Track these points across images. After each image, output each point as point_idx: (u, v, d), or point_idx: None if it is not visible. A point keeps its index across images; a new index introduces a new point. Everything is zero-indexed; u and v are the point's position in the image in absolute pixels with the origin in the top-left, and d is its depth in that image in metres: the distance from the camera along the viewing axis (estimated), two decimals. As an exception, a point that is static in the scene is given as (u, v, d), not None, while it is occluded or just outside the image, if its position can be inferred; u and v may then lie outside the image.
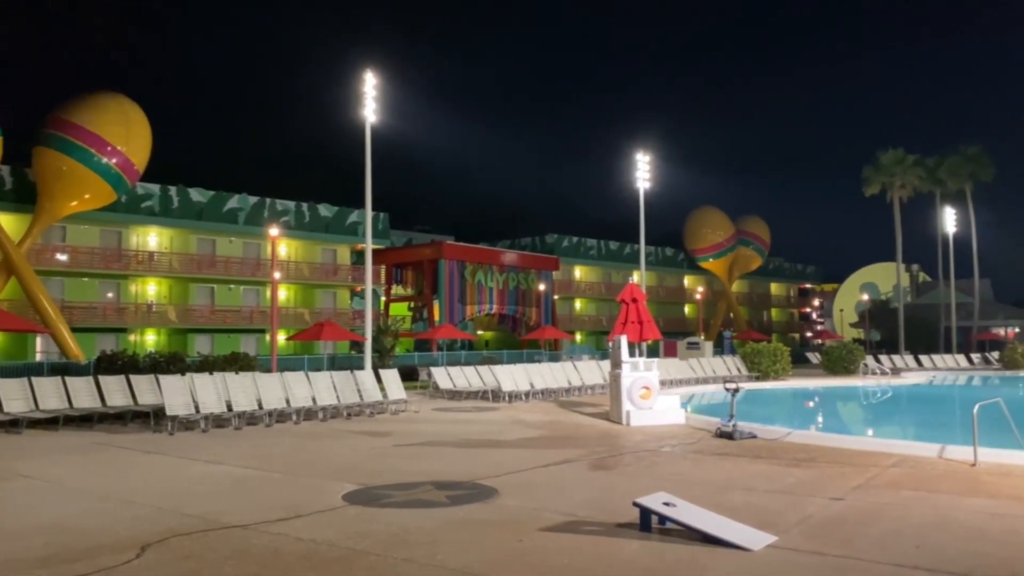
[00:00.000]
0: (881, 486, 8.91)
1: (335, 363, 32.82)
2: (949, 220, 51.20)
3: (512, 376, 21.80)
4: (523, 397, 21.28)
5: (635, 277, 50.46)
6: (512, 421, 16.19)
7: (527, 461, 10.83)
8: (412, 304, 51.86)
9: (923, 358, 43.12)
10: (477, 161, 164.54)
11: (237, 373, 17.59)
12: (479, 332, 56.25)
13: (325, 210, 48.44)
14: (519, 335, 52.49)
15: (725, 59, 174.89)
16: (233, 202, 44.46)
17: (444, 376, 22.94)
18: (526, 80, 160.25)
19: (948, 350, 48.78)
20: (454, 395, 22.26)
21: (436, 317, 47.76)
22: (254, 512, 7.69)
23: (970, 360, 44.37)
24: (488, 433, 14.28)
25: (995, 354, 43.68)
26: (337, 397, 17.11)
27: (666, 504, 6.87)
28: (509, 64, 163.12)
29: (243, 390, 15.72)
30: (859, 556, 6.08)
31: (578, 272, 63.16)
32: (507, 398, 20.83)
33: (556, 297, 57.55)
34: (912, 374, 35.82)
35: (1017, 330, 60.49)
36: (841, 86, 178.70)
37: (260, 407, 15.61)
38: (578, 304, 63.17)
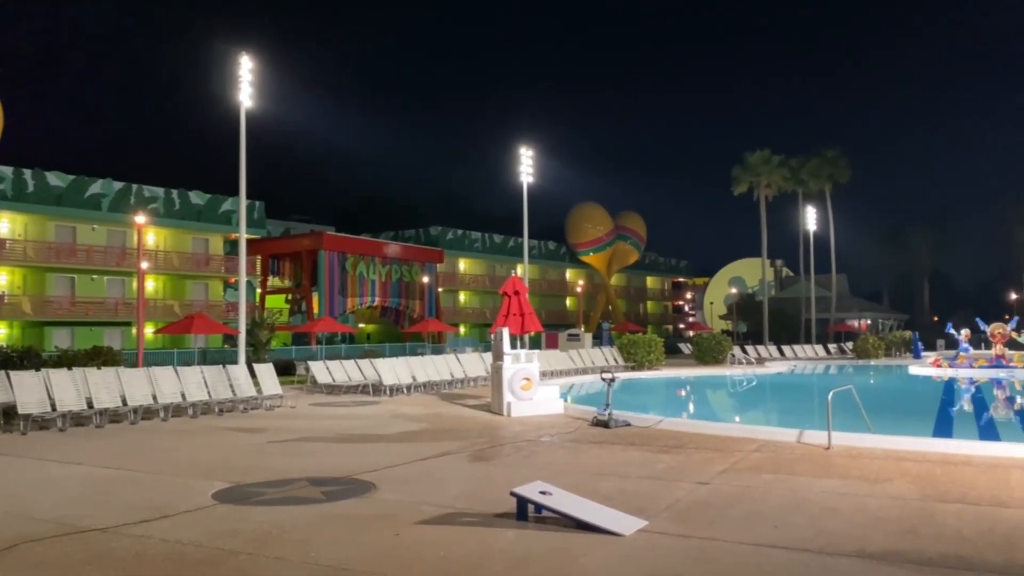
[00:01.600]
0: (744, 470, 9.39)
1: (207, 357, 31.57)
2: (810, 218, 54.53)
3: (394, 369, 21.59)
4: (405, 390, 21.12)
5: (518, 270, 51.06)
6: (392, 415, 16.04)
7: (406, 455, 10.76)
8: (290, 296, 50.47)
9: (785, 348, 45.78)
10: (360, 152, 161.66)
11: (99, 368, 16.61)
12: (361, 325, 55.40)
13: (197, 197, 46.38)
14: (402, 328, 52.05)
15: (606, 60, 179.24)
16: (96, 187, 41.89)
17: (323, 370, 22.45)
18: (412, 72, 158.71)
19: (808, 341, 51.99)
20: (333, 389, 21.84)
21: (315, 310, 46.66)
22: (115, 514, 7.28)
23: (827, 350, 47.45)
24: (367, 427, 14.09)
25: (849, 344, 46.88)
26: (208, 393, 16.44)
27: (542, 493, 7.00)
28: (394, 55, 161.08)
29: (105, 386, 14.84)
30: (722, 537, 6.39)
31: (462, 265, 63.27)
32: (388, 392, 20.61)
33: (440, 289, 57.43)
34: (775, 363, 37.98)
35: (869, 322, 65.13)
36: (714, 89, 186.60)
37: (124, 404, 14.78)
38: (462, 297, 63.30)
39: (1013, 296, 75.86)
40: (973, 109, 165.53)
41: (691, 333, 64.84)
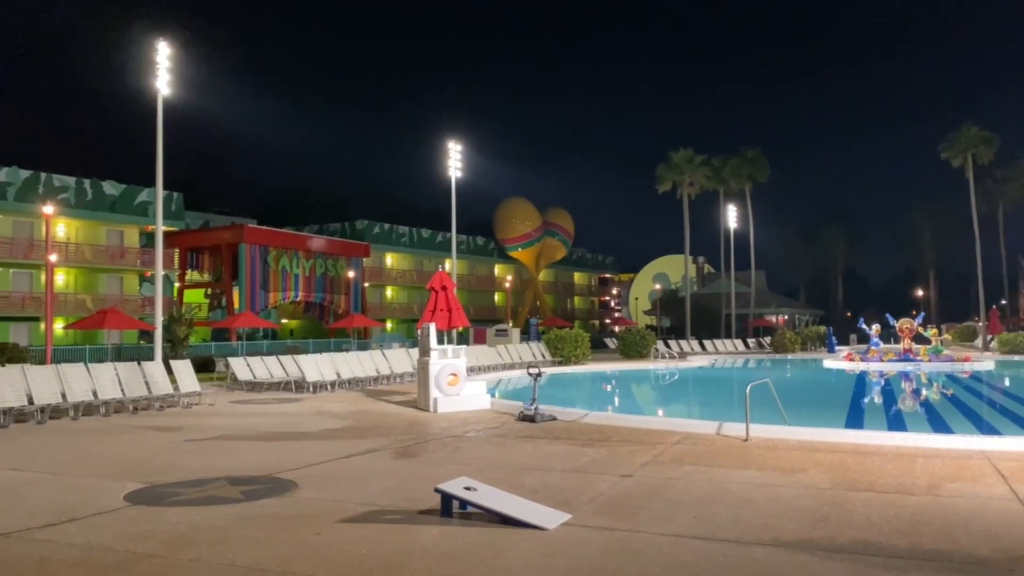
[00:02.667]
0: (666, 462, 9.56)
1: (122, 354, 30.43)
2: (731, 216, 56.03)
3: (318, 366, 21.22)
4: (329, 387, 20.78)
5: (447, 265, 50.85)
6: (316, 412, 15.75)
7: (329, 452, 10.58)
8: (209, 291, 49.06)
9: (707, 343, 46.92)
10: (284, 144, 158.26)
11: (3, 365, 15.80)
12: (284, 320, 54.30)
13: (111, 188, 44.58)
14: (327, 323, 51.25)
15: (536, 57, 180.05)
16: (1, 175, 39.81)
17: (243, 366, 21.88)
18: (339, 63, 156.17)
19: (728, 335, 53.40)
20: (254, 386, 21.32)
21: (236, 305, 45.52)
22: (17, 518, 6.93)
23: (746, 344, 48.85)
24: (289, 425, 13.80)
25: (768, 339, 48.35)
26: (122, 391, 15.82)
27: (467, 489, 6.97)
28: (320, 45, 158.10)
29: (10, 384, 14.10)
30: (643, 529, 6.48)
31: (389, 259, 62.65)
32: (312, 389, 20.24)
33: (366, 284, 56.76)
34: (697, 358, 38.89)
35: (786, 317, 67.35)
36: (641, 89, 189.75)
37: (31, 403, 14.10)
38: (389, 292, 62.71)
39: (920, 293, 79.70)
40: (886, 115, 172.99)
41: (617, 328, 65.77)
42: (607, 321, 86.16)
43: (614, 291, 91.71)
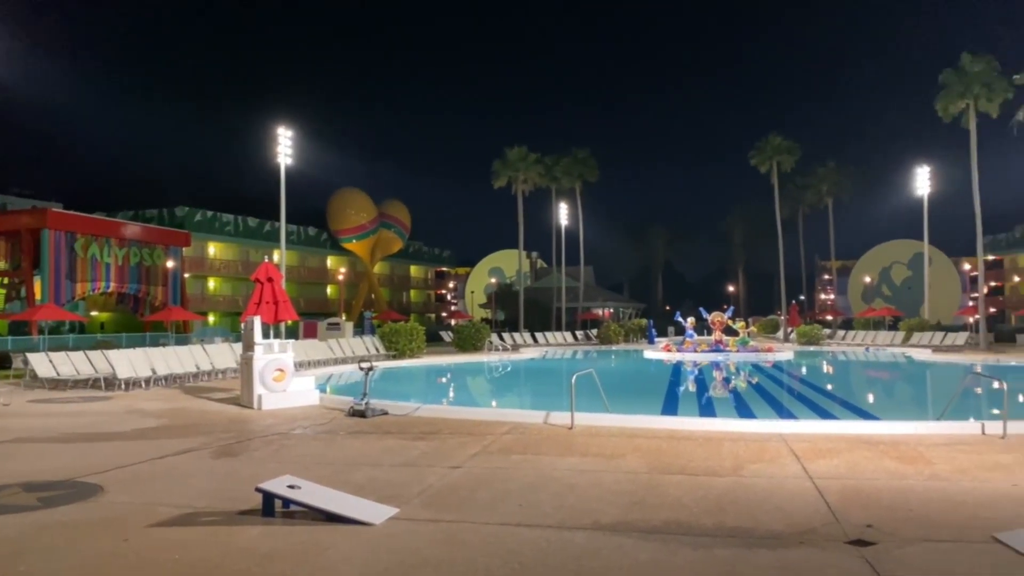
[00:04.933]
0: (495, 452, 9.73)
1: None
2: (562, 213, 57.89)
3: (130, 361, 19.80)
4: (144, 384, 19.46)
5: (275, 256, 48.99)
6: (127, 411, 14.70)
7: (142, 453, 9.91)
8: (6, 280, 44.51)
9: (539, 335, 48.21)
10: (96, 124, 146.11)
11: None
12: (93, 313, 50.22)
13: None
14: (142, 316, 47.88)
15: (374, 47, 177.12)
16: None
17: (44, 362, 20.04)
18: (161, 44, 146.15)
19: (559, 328, 55.16)
20: (58, 384, 19.59)
21: (37, 296, 41.60)
22: None
23: (575, 336, 50.67)
24: (97, 425, 12.79)
25: (594, 331, 50.37)
26: None
27: (291, 487, 6.76)
28: (139, 21, 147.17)
29: None
30: (470, 519, 6.57)
31: (212, 249, 59.55)
32: (124, 386, 18.87)
33: (187, 275, 53.63)
34: (529, 350, 39.87)
35: (612, 310, 70.44)
36: (479, 87, 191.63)
37: None
38: (212, 283, 59.60)
39: (731, 288, 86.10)
40: (706, 123, 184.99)
41: (453, 322, 66.19)
42: (443, 314, 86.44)
43: (451, 285, 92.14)
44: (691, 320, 34.89)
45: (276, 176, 34.09)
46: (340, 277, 61.54)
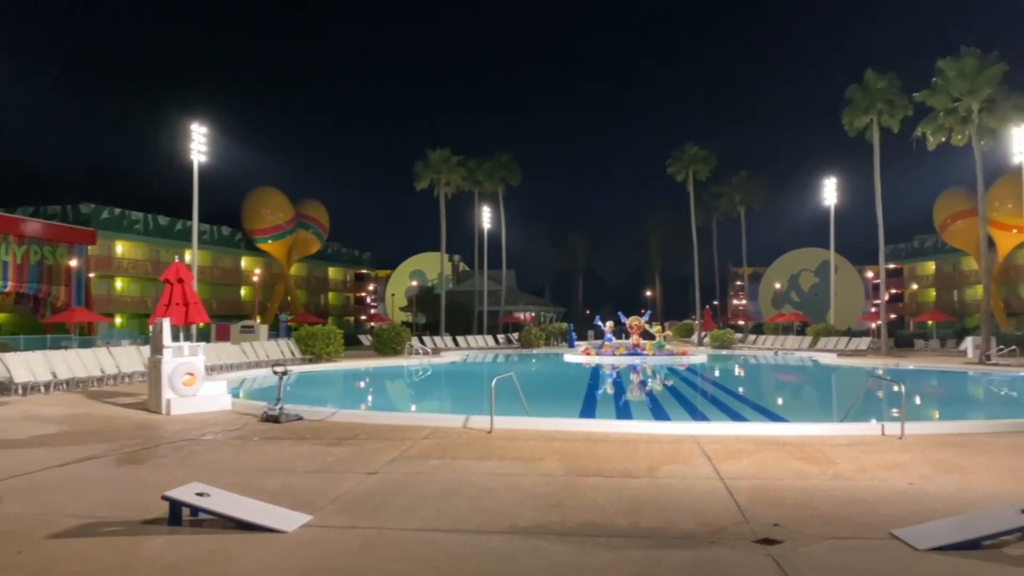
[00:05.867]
0: (413, 457, 9.65)
1: None
2: (485, 217, 57.96)
3: (28, 364, 18.81)
4: (43, 389, 18.53)
5: (187, 256, 47.41)
6: (25, 416, 13.96)
7: (39, 461, 9.42)
8: None
9: (460, 339, 48.15)
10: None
11: None
12: (-11, 314, 47.56)
13: None
14: (42, 318, 45.55)
15: (293, 47, 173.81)
16: None
17: (-67, 366, 18.83)
18: (60, 25, 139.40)
19: (480, 331, 55.19)
20: (-53, 389, 18.44)
21: (-73, 295, 39.16)
22: None
23: (496, 340, 50.82)
24: (-10, 432, 12.10)
25: (516, 335, 50.61)
26: None
27: (199, 495, 6.54)
28: (37, 5, 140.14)
29: None
30: (386, 525, 6.48)
31: (120, 248, 57.14)
32: (21, 390, 17.92)
33: (92, 275, 51.34)
34: (450, 353, 39.76)
35: (533, 314, 70.94)
36: (402, 89, 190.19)
37: None
38: (119, 283, 57.20)
39: (648, 293, 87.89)
40: (626, 131, 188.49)
41: (373, 325, 65.38)
42: (363, 317, 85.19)
43: (370, 287, 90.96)
44: (610, 324, 35.43)
45: (189, 174, 33.04)
46: (255, 278, 60.00)
